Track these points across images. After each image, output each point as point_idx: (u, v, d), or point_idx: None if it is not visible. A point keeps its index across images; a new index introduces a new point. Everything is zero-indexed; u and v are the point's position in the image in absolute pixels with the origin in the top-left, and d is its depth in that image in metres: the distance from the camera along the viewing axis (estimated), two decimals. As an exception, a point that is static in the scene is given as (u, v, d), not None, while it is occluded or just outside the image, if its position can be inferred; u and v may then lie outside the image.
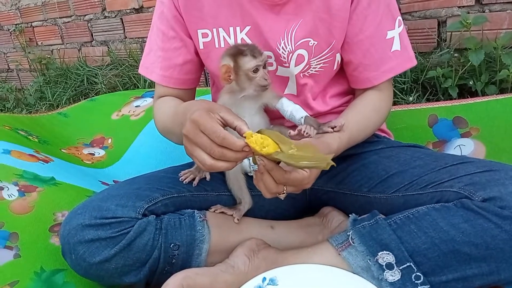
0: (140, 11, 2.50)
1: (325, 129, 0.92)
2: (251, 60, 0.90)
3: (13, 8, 3.12)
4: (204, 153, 0.78)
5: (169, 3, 1.04)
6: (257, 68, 0.91)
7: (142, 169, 1.44)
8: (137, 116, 1.81)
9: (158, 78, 1.10)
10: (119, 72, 2.49)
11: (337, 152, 0.92)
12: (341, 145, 0.93)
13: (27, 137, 1.64)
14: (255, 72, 0.91)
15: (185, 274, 0.91)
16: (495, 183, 0.82)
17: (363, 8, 0.98)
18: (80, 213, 0.92)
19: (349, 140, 0.95)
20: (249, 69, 0.90)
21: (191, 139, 0.79)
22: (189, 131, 0.79)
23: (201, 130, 0.77)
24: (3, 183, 1.21)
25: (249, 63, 0.90)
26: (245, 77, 0.91)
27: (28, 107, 2.71)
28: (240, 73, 0.91)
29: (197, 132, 0.77)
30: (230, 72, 0.92)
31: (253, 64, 0.90)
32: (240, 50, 0.91)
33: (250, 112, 0.96)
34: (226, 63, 0.92)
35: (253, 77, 0.91)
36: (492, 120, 1.29)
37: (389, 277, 0.84)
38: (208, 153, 0.77)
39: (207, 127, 0.76)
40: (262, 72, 0.92)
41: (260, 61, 0.91)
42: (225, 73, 0.92)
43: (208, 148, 0.77)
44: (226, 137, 0.75)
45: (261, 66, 0.91)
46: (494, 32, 1.57)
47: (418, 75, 1.64)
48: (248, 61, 0.90)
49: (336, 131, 0.92)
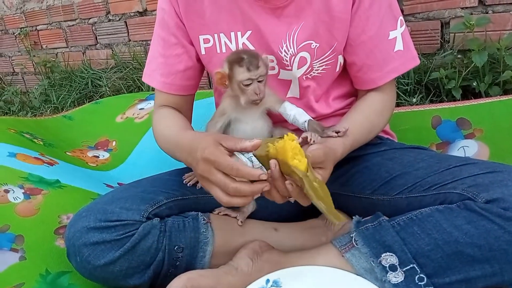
0: (144, 14, 2.51)
1: (329, 133, 0.91)
2: (244, 72, 0.89)
3: (18, 11, 3.14)
4: (220, 191, 0.81)
5: (170, 10, 1.05)
6: (251, 81, 0.90)
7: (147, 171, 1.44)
8: (141, 119, 1.81)
9: (159, 85, 1.10)
10: (123, 75, 2.50)
11: (341, 157, 0.92)
12: (345, 150, 0.93)
13: (32, 140, 1.65)
14: (247, 85, 0.90)
15: (189, 276, 0.91)
16: (498, 185, 0.82)
17: (365, 10, 0.99)
18: (85, 216, 0.93)
19: (352, 144, 0.95)
20: (241, 80, 0.89)
21: (207, 178, 0.82)
22: (204, 171, 0.82)
23: (215, 167, 0.80)
24: (8, 186, 1.22)
25: (242, 75, 0.89)
26: (237, 87, 0.91)
27: (33, 110, 2.72)
28: (233, 81, 0.91)
29: (212, 170, 0.80)
30: (225, 78, 0.92)
31: (245, 77, 0.89)
32: (238, 59, 0.90)
33: (253, 116, 0.96)
34: (221, 70, 0.91)
35: (244, 90, 0.90)
36: (496, 121, 1.29)
37: (392, 279, 0.84)
38: (223, 190, 0.80)
39: (221, 163, 0.79)
40: (255, 85, 0.90)
41: (253, 75, 0.89)
42: (220, 79, 0.92)
43: (222, 186, 0.80)
44: (240, 168, 0.78)
45: (254, 80, 0.90)
46: (497, 33, 1.56)
47: (422, 77, 1.64)
48: (241, 73, 0.89)
49: (340, 136, 0.91)
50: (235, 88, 0.91)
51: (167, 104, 1.11)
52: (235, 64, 0.90)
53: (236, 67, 0.89)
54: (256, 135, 0.93)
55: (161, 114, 1.10)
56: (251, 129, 0.96)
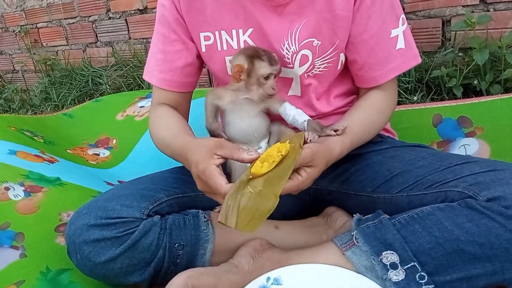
0: (145, 11, 2.51)
1: (328, 132, 0.92)
2: (267, 66, 0.92)
3: (18, 9, 3.13)
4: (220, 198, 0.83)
5: (171, 6, 1.04)
6: (269, 76, 0.93)
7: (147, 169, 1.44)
8: (142, 117, 1.82)
9: (157, 82, 1.09)
10: (124, 72, 2.50)
11: (340, 155, 0.93)
12: (344, 149, 0.94)
13: (32, 137, 1.65)
14: (266, 79, 0.93)
15: (190, 273, 0.91)
16: (499, 183, 0.82)
17: (367, 8, 0.98)
18: (86, 213, 0.93)
19: (352, 142, 0.96)
20: (263, 74, 0.92)
21: (209, 192, 0.85)
22: (203, 188, 0.85)
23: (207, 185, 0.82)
24: (9, 183, 1.22)
25: (265, 68, 0.92)
26: (256, 81, 0.93)
27: (33, 108, 2.72)
28: (253, 75, 0.93)
29: (204, 185, 0.83)
30: (242, 72, 0.93)
31: (268, 71, 0.92)
32: (258, 53, 0.93)
33: (250, 113, 0.96)
34: (240, 62, 0.92)
35: (263, 84, 0.93)
36: (497, 120, 1.28)
37: (393, 277, 0.84)
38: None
39: (211, 186, 0.81)
40: (273, 81, 0.93)
41: (274, 70, 0.93)
42: (237, 72, 0.93)
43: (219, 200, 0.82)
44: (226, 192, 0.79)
45: (273, 75, 0.93)
46: (498, 31, 1.56)
47: (423, 75, 1.64)
48: (264, 66, 0.92)
49: (338, 134, 0.92)
50: (253, 82, 0.93)
51: (164, 101, 1.11)
52: (256, 59, 0.92)
53: (258, 61, 0.92)
54: (252, 132, 0.96)
55: (157, 113, 1.09)
56: (246, 126, 0.96)
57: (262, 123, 0.98)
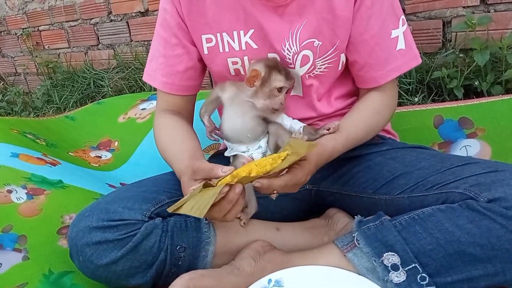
0: (146, 14, 2.52)
1: (321, 132, 0.96)
2: (283, 80, 0.95)
3: (20, 12, 3.14)
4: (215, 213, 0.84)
5: (172, 10, 1.05)
6: (282, 90, 0.95)
7: (149, 171, 1.45)
8: (143, 119, 1.82)
9: (160, 85, 1.10)
10: (125, 75, 2.50)
11: (334, 151, 0.95)
12: (337, 145, 0.95)
13: (35, 140, 1.65)
14: (279, 91, 0.95)
15: (191, 275, 0.91)
16: (500, 184, 0.82)
17: (367, 8, 0.99)
18: (88, 216, 0.93)
19: (347, 139, 0.97)
20: (276, 86, 0.95)
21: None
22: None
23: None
24: (11, 186, 1.23)
25: (280, 81, 0.95)
26: (268, 91, 0.95)
27: (35, 111, 2.73)
28: (267, 85, 0.94)
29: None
30: (257, 78, 0.94)
31: (282, 84, 0.95)
32: (277, 66, 0.96)
33: (247, 113, 0.98)
34: (259, 68, 0.94)
35: (274, 96, 0.95)
36: (498, 121, 1.28)
37: (394, 278, 0.84)
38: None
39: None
40: (283, 96, 0.96)
41: (288, 85, 0.96)
42: (253, 77, 0.95)
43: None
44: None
45: (286, 89, 0.96)
46: (499, 32, 1.56)
47: (424, 76, 1.64)
48: (279, 80, 0.95)
49: (331, 132, 0.96)
50: (265, 91, 0.95)
51: (168, 105, 1.12)
52: (274, 70, 0.95)
53: (276, 72, 0.95)
54: (245, 132, 0.98)
55: (161, 122, 1.10)
56: (240, 124, 0.98)
57: (257, 126, 0.99)
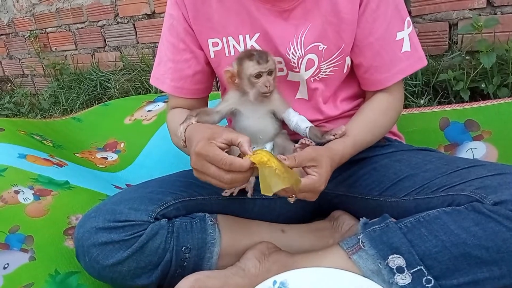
0: (152, 16, 2.53)
1: (327, 137, 0.95)
2: (255, 65, 0.91)
3: (28, 14, 3.17)
4: (217, 181, 0.83)
5: (179, 16, 1.05)
6: (260, 74, 0.91)
7: (155, 172, 1.46)
8: (149, 121, 1.83)
9: (169, 89, 1.11)
10: (132, 77, 2.51)
11: (343, 154, 0.94)
12: (346, 148, 0.95)
13: (41, 141, 1.66)
14: (257, 77, 0.92)
15: (196, 276, 0.92)
16: (506, 187, 0.81)
17: (372, 11, 0.99)
18: (94, 216, 0.93)
19: (354, 142, 0.97)
20: (251, 74, 0.91)
21: (200, 171, 0.85)
22: (196, 164, 0.85)
23: (208, 161, 0.82)
24: (18, 187, 1.24)
25: (252, 68, 0.91)
26: (248, 82, 0.93)
27: (42, 112, 2.74)
28: (243, 76, 0.93)
29: (204, 163, 0.83)
30: (234, 76, 0.93)
31: (255, 70, 0.91)
32: (248, 55, 0.92)
33: (256, 113, 0.97)
34: (230, 68, 0.93)
35: (255, 83, 0.92)
36: (504, 123, 1.28)
37: (399, 281, 0.83)
38: (219, 181, 0.83)
39: (212, 157, 0.81)
40: (265, 78, 0.92)
41: (263, 68, 0.91)
42: (230, 77, 0.94)
43: (217, 177, 0.82)
44: (233, 162, 0.80)
45: (264, 73, 0.91)
46: (506, 34, 1.56)
47: (430, 78, 1.64)
48: (251, 66, 0.91)
49: (337, 137, 0.94)
50: (246, 83, 0.93)
51: (180, 106, 1.13)
52: (245, 59, 0.92)
53: (246, 61, 0.92)
54: (256, 132, 0.96)
55: (174, 114, 1.11)
56: (253, 125, 0.97)
57: (269, 125, 0.98)
